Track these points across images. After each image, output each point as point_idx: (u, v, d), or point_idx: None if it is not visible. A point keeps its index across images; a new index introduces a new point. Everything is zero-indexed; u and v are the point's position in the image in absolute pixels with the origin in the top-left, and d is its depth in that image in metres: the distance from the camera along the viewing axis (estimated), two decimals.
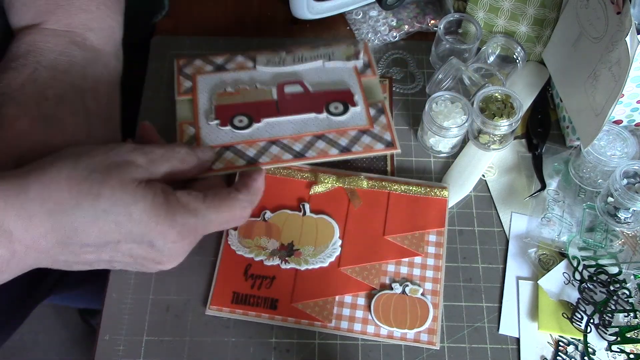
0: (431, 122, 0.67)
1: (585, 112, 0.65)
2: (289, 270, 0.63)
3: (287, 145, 0.66)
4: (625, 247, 0.65)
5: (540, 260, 0.65)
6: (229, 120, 0.67)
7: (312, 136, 0.67)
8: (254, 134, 0.67)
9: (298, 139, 0.66)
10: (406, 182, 0.69)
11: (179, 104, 0.70)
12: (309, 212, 0.67)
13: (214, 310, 0.62)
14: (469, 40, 0.77)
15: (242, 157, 0.65)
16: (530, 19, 0.73)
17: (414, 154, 0.73)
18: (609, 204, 0.63)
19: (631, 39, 0.55)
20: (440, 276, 0.64)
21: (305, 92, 0.70)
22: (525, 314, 0.62)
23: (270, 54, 0.74)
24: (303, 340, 0.61)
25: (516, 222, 0.68)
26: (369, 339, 0.61)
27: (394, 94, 0.77)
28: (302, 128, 0.67)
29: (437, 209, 0.67)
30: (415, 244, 0.65)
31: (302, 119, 0.68)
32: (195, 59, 0.74)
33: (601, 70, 0.61)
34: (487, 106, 0.69)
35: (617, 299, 0.61)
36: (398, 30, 0.82)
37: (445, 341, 0.61)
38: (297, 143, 0.66)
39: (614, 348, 0.59)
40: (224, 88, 0.70)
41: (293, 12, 0.81)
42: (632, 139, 0.65)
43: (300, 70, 0.72)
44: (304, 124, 0.67)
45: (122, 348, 0.61)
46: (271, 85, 0.70)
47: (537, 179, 0.69)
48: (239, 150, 0.65)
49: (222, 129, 0.67)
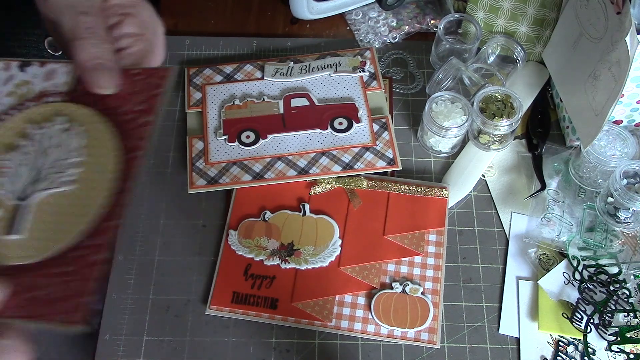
0: (431, 122, 0.67)
1: (585, 112, 0.65)
2: (289, 270, 0.63)
3: (292, 162, 0.68)
4: (625, 247, 0.65)
5: (540, 260, 0.65)
6: (236, 136, 0.69)
7: (316, 152, 0.68)
8: (260, 149, 0.68)
9: (302, 155, 0.68)
10: (406, 182, 0.69)
11: (189, 116, 0.72)
12: (309, 212, 0.67)
13: (214, 310, 0.62)
14: (469, 40, 0.77)
15: (248, 172, 0.67)
16: (530, 19, 0.74)
17: (414, 154, 0.73)
18: (609, 204, 0.63)
19: (631, 39, 0.55)
20: (441, 275, 0.64)
21: (311, 105, 0.71)
22: (525, 314, 0.62)
23: (278, 64, 0.75)
24: (303, 340, 0.61)
25: (516, 222, 0.68)
26: (370, 338, 0.61)
27: (394, 94, 0.77)
28: (307, 144, 0.69)
29: (437, 209, 0.67)
30: (415, 244, 0.65)
31: (307, 134, 0.69)
32: (205, 67, 0.76)
33: (601, 71, 0.61)
34: (487, 106, 0.69)
35: (617, 299, 0.61)
36: (398, 30, 0.82)
37: (445, 341, 0.61)
38: (302, 159, 0.68)
39: (614, 348, 0.59)
40: (232, 101, 0.72)
41: (293, 12, 0.81)
42: (632, 139, 0.65)
43: (307, 81, 0.73)
44: (309, 140, 0.69)
45: (122, 348, 0.61)
46: (278, 99, 0.72)
47: (537, 179, 0.69)
48: (246, 166, 0.67)
49: (230, 145, 0.68)
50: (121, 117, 0.44)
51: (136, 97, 0.45)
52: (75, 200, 0.41)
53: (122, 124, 0.44)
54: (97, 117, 0.44)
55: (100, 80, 0.44)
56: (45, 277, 0.38)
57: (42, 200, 0.41)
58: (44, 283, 0.38)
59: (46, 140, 0.44)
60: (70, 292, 0.37)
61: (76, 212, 0.41)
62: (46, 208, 0.41)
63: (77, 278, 0.38)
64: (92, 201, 0.41)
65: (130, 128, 0.44)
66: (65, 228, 0.40)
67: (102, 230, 0.40)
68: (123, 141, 0.44)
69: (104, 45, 0.44)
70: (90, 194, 0.41)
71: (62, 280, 0.38)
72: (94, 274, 0.38)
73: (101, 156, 0.43)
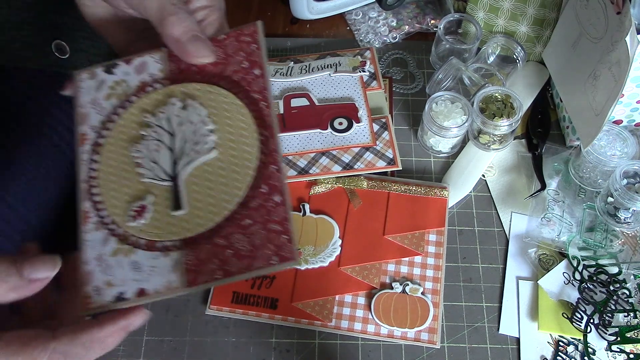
0: (431, 122, 0.67)
1: (585, 112, 0.65)
2: (289, 269, 0.63)
3: (292, 161, 0.68)
4: (625, 247, 0.65)
5: (540, 260, 0.65)
6: None
7: (316, 152, 0.68)
8: None
9: (302, 155, 0.68)
10: (406, 182, 0.69)
11: None
12: (309, 212, 0.67)
13: (214, 310, 0.62)
14: (469, 40, 0.78)
15: None
16: (530, 19, 0.74)
17: (414, 154, 0.73)
18: (609, 204, 0.63)
19: (631, 39, 0.55)
20: (441, 275, 0.64)
21: (311, 105, 0.71)
22: (525, 314, 0.62)
23: (278, 64, 0.75)
24: (303, 340, 0.61)
25: (516, 222, 0.68)
26: (370, 338, 0.61)
27: (394, 94, 0.77)
28: (307, 144, 0.68)
29: (437, 209, 0.67)
30: (415, 244, 0.65)
31: (307, 134, 0.69)
32: None
33: (601, 71, 0.61)
34: (487, 106, 0.69)
35: (617, 299, 0.61)
36: (398, 30, 0.82)
37: (445, 341, 0.61)
38: (302, 159, 0.68)
39: (614, 348, 0.59)
40: None
41: (293, 12, 0.81)
42: (632, 139, 0.65)
43: (307, 81, 0.73)
44: (309, 139, 0.69)
45: (122, 348, 0.61)
46: (278, 99, 0.72)
47: (537, 179, 0.69)
48: None
49: None
50: (229, 79, 0.46)
51: (234, 59, 0.46)
52: (224, 164, 0.43)
53: (233, 84, 0.46)
54: (207, 87, 0.46)
55: (200, 50, 0.45)
56: (233, 234, 0.41)
57: (192, 174, 0.43)
58: (237, 239, 0.41)
59: (168, 122, 0.45)
60: (266, 237, 0.40)
61: (230, 173, 0.43)
62: (198, 180, 0.43)
63: (267, 224, 0.40)
64: (240, 160, 0.43)
65: (244, 85, 0.46)
66: (227, 190, 0.42)
67: (265, 178, 0.42)
68: (242, 98, 0.45)
69: (192, 18, 0.46)
70: (234, 153, 0.43)
71: (253, 230, 0.40)
72: (280, 215, 0.40)
73: (227, 118, 0.45)
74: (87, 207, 0.44)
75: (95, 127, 0.46)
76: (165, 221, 0.42)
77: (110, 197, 0.44)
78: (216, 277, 0.40)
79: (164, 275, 0.40)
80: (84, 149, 0.46)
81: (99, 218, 0.43)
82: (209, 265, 0.40)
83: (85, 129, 0.46)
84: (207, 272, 0.40)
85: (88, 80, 0.48)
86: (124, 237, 0.42)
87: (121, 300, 0.40)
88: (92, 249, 0.42)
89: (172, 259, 0.41)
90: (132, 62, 0.48)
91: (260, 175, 0.42)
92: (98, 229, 0.43)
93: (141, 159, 0.44)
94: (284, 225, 0.40)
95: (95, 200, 0.44)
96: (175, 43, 0.45)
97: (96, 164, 0.45)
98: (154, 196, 0.43)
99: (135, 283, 0.40)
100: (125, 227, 0.43)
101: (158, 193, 0.43)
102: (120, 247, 0.42)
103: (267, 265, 0.39)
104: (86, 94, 0.47)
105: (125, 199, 0.44)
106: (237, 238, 0.41)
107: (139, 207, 0.43)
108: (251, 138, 0.43)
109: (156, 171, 0.44)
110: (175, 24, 0.44)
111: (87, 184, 0.45)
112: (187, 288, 0.40)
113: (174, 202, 0.43)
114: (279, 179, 0.42)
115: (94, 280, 0.41)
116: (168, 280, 0.40)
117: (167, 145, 0.45)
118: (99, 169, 0.45)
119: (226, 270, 0.40)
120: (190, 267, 0.40)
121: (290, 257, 0.39)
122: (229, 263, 0.40)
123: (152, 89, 0.47)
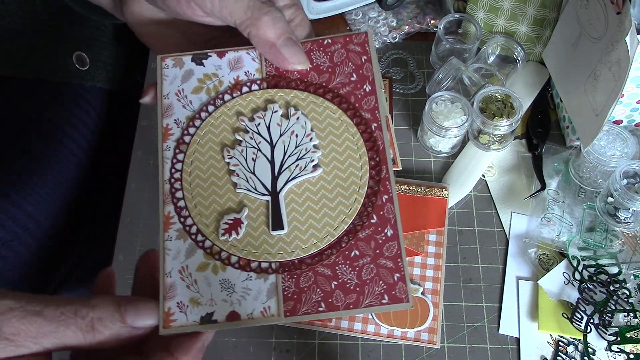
0: (431, 122, 0.67)
1: (585, 112, 0.65)
2: None
3: None
4: (625, 247, 0.65)
5: (540, 260, 0.65)
6: None
7: None
8: None
9: None
10: (406, 182, 0.69)
11: None
12: None
13: None
14: (469, 40, 0.77)
15: None
16: (530, 19, 0.74)
17: (414, 154, 0.73)
18: (609, 204, 0.63)
19: (631, 39, 0.55)
20: (441, 275, 0.64)
21: None
22: (525, 314, 0.62)
23: None
24: (303, 340, 0.61)
25: (516, 222, 0.68)
26: (369, 338, 0.61)
27: (394, 94, 0.77)
28: None
29: (437, 209, 0.67)
30: (415, 244, 0.65)
31: None
32: None
33: (601, 70, 0.61)
34: (487, 106, 0.69)
35: (617, 299, 0.61)
36: (398, 30, 0.82)
37: (445, 341, 0.61)
38: None
39: (614, 348, 0.59)
40: None
41: None
42: (632, 139, 0.65)
43: None
44: None
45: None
46: None
47: (537, 179, 0.69)
48: None
49: None
50: (336, 92, 0.42)
51: (341, 69, 0.42)
52: (329, 185, 0.39)
53: (341, 98, 0.42)
54: (312, 97, 0.42)
55: (296, 56, 0.41)
56: (339, 265, 0.37)
57: (292, 190, 0.39)
58: (344, 271, 0.37)
59: (267, 130, 0.41)
60: (377, 273, 0.36)
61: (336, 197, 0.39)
62: (298, 198, 0.39)
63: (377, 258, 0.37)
64: (347, 183, 0.39)
65: (353, 101, 0.41)
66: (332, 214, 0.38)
67: (377, 208, 0.38)
68: (351, 116, 0.41)
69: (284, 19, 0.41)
70: (341, 175, 0.39)
71: (362, 264, 0.37)
72: (392, 251, 0.37)
73: (334, 135, 0.41)
74: (170, 211, 0.39)
75: (180, 123, 0.41)
76: (261, 239, 0.38)
77: (197, 203, 0.39)
78: (320, 310, 0.36)
79: (259, 300, 0.36)
80: (168, 145, 0.41)
81: (182, 226, 0.39)
82: (311, 294, 0.36)
83: (169, 122, 0.41)
84: (309, 302, 0.36)
85: (173, 68, 0.43)
86: (212, 250, 0.38)
87: (210, 322, 0.36)
88: (174, 260, 0.38)
89: (269, 282, 0.37)
90: (225, 56, 0.43)
91: (370, 204, 0.38)
92: (181, 237, 0.38)
93: (236, 166, 0.40)
94: (397, 263, 0.36)
95: (179, 205, 0.39)
96: (268, 47, 0.40)
97: (181, 164, 0.40)
98: (249, 210, 0.39)
99: (225, 304, 0.36)
100: (214, 240, 0.38)
101: (253, 207, 0.39)
102: (208, 261, 0.38)
103: (377, 304, 0.36)
104: (171, 82, 0.43)
105: (215, 209, 0.39)
106: (343, 270, 0.37)
107: (232, 219, 0.39)
108: (361, 162, 0.40)
109: (254, 183, 0.40)
110: (269, 25, 0.39)
111: (170, 186, 0.40)
112: (286, 318, 0.36)
113: (274, 220, 0.39)
114: (392, 211, 0.38)
115: (176, 295, 0.37)
116: (264, 306, 0.36)
117: (266, 155, 0.40)
118: (184, 171, 0.40)
119: (330, 304, 0.36)
120: (289, 294, 0.36)
121: (404, 299, 0.35)
122: (334, 296, 0.36)
123: (248, 90, 0.42)
